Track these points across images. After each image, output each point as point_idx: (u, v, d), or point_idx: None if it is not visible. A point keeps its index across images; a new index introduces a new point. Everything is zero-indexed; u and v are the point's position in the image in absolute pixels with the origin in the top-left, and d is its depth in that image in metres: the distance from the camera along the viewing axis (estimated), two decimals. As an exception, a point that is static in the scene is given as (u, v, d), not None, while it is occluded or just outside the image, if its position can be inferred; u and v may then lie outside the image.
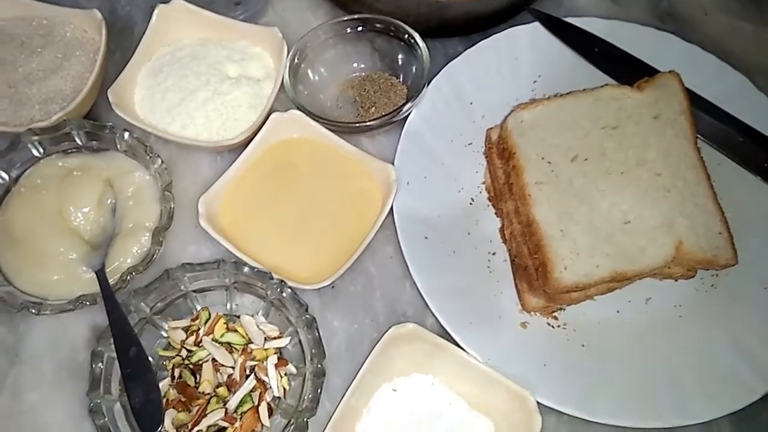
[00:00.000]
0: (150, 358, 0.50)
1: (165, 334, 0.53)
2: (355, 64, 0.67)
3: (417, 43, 0.63)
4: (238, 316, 0.54)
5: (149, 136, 0.61)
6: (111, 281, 0.53)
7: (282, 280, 0.51)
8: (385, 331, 0.52)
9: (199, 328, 0.52)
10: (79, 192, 0.57)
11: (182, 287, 0.53)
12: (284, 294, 0.51)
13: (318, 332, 0.50)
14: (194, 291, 0.54)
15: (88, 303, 0.52)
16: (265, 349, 0.51)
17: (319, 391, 0.49)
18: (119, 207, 0.57)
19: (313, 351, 0.50)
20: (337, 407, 0.50)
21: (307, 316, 0.51)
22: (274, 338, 0.52)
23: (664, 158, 0.54)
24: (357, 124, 0.61)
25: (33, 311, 0.51)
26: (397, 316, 0.58)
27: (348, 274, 0.55)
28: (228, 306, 0.54)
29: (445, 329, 0.54)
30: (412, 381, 0.52)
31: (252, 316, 0.53)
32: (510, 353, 0.54)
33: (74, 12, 0.64)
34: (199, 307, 0.54)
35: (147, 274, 0.55)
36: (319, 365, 0.50)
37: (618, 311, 0.57)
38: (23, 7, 0.65)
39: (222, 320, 0.52)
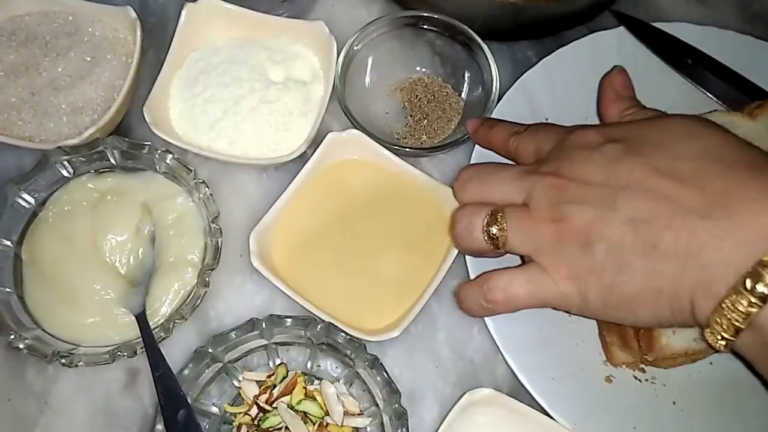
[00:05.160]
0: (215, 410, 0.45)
1: (237, 384, 0.48)
2: (414, 68, 0.60)
3: (484, 53, 0.56)
4: (317, 378, 0.49)
5: (187, 153, 0.55)
6: (153, 327, 0.47)
7: (376, 357, 0.46)
8: (460, 397, 0.46)
9: (274, 385, 0.47)
10: (114, 219, 0.51)
11: (265, 339, 0.48)
12: (378, 377, 0.46)
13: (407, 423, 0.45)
14: (275, 343, 0.48)
15: (126, 355, 0.46)
16: (342, 426, 0.46)
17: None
18: (158, 237, 0.51)
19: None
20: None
21: (396, 405, 0.45)
22: (354, 415, 0.46)
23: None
24: (426, 148, 0.55)
25: (64, 362, 0.45)
26: (464, 363, 0.52)
27: (409, 313, 0.50)
28: (308, 365, 0.49)
29: (522, 384, 0.49)
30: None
31: (333, 383, 0.47)
32: (596, 414, 0.48)
33: (104, 8, 0.57)
34: (277, 361, 0.49)
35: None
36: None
37: (711, 362, 0.51)
38: (47, 1, 0.58)
39: (301, 382, 0.46)
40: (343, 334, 0.46)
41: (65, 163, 0.51)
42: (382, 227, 0.52)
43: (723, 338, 0.36)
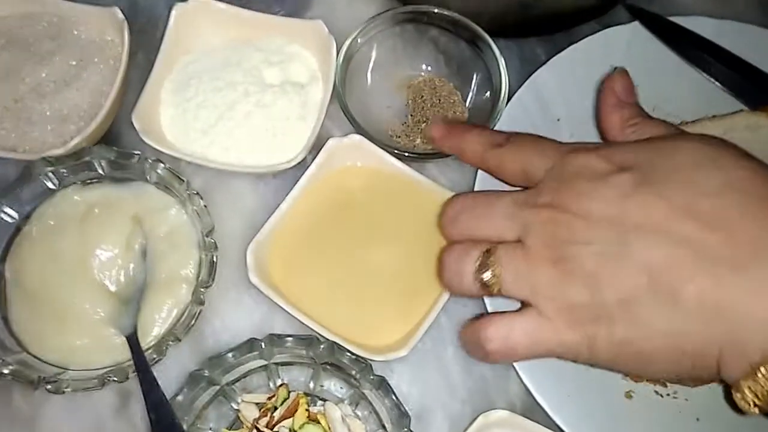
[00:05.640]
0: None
1: (235, 407, 0.45)
2: (419, 66, 0.57)
3: (492, 51, 0.53)
4: (321, 399, 0.46)
5: (179, 162, 0.52)
6: (145, 349, 0.45)
7: (383, 379, 0.43)
8: (475, 418, 0.44)
9: (275, 408, 0.44)
10: (103, 233, 0.48)
11: (264, 360, 0.45)
12: (386, 399, 0.43)
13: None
14: (276, 363, 0.45)
15: (116, 380, 0.43)
16: (347, 451, 0.43)
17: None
18: (150, 251, 0.48)
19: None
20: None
21: (405, 430, 0.42)
22: (360, 439, 0.44)
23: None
24: (429, 153, 0.52)
25: (50, 388, 0.43)
26: (475, 379, 0.49)
27: (415, 328, 0.47)
28: (311, 385, 0.46)
29: (537, 402, 0.46)
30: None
31: (337, 404, 0.44)
32: (616, 433, 0.46)
33: (90, 9, 0.54)
34: (278, 382, 0.46)
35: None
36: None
37: (735, 375, 0.48)
38: (29, 2, 0.55)
39: (303, 404, 0.43)
40: (348, 354, 0.43)
41: (50, 174, 0.48)
42: (387, 238, 0.49)
43: (755, 405, 0.32)
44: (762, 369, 0.31)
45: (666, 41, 0.55)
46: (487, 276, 0.38)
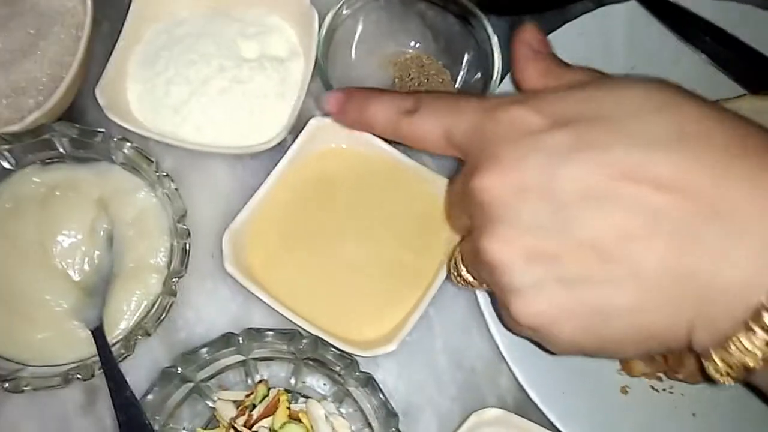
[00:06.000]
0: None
1: (210, 405, 0.42)
2: (406, 42, 0.54)
3: (484, 27, 0.50)
4: (303, 396, 0.43)
5: (147, 141, 0.48)
6: (112, 343, 0.41)
7: (370, 376, 0.40)
8: (467, 417, 0.42)
9: (254, 405, 0.41)
10: (65, 217, 0.44)
11: (242, 355, 0.42)
12: (373, 398, 0.40)
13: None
14: (254, 359, 0.42)
15: (81, 377, 0.40)
16: (331, 451, 0.40)
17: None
18: (117, 238, 0.45)
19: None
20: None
21: (393, 430, 0.40)
22: (344, 438, 0.41)
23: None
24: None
25: (8, 387, 0.39)
26: (465, 373, 0.47)
27: (403, 320, 0.44)
28: (292, 381, 0.43)
29: (530, 398, 0.44)
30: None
31: (320, 401, 0.42)
32: (612, 429, 0.44)
33: (49, -27, 0.50)
34: (257, 378, 0.43)
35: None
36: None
37: (731, 369, 0.47)
38: (-20, -36, 0.50)
39: (284, 402, 0.41)
40: (333, 350, 0.40)
41: (6, 153, 0.44)
42: (373, 224, 0.46)
43: (728, 375, 0.28)
44: (734, 338, 0.27)
45: (663, 21, 0.53)
46: (467, 277, 0.35)
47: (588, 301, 0.29)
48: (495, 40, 0.49)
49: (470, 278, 0.35)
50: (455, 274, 0.36)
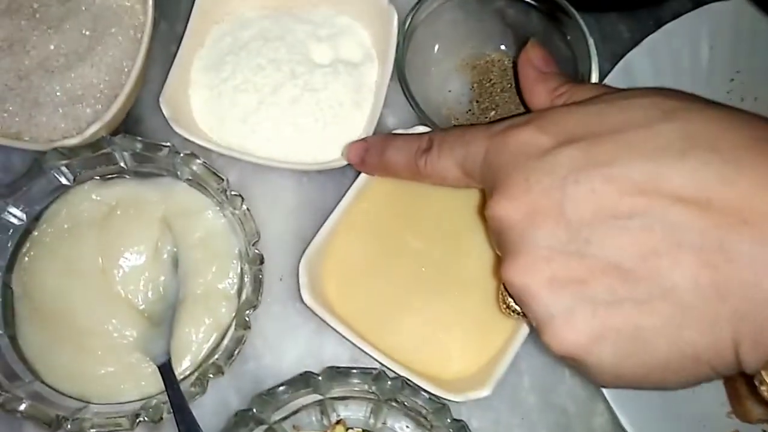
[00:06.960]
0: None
1: None
2: (484, 44, 0.50)
3: (579, 25, 0.45)
4: None
5: (210, 154, 0.44)
6: (180, 379, 0.38)
7: (464, 425, 0.37)
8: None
9: None
10: (126, 238, 0.41)
11: (319, 394, 0.38)
12: None
13: None
14: (332, 398, 0.39)
15: (149, 420, 0.36)
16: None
17: None
18: (182, 261, 0.41)
19: None
20: None
21: None
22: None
23: None
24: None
25: (69, 429, 0.36)
26: (555, 413, 0.43)
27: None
28: (371, 422, 0.40)
29: (632, 443, 0.40)
30: None
31: None
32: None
33: (106, -30, 0.46)
34: (333, 418, 0.40)
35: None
36: None
37: None
38: (33, -41, 0.46)
39: None
40: (422, 393, 0.37)
41: (63, 168, 0.41)
42: (461, 251, 0.42)
43: None
44: None
45: (775, 20, 0.48)
46: (515, 308, 0.34)
47: (620, 324, 0.28)
48: (591, 41, 0.45)
49: (518, 308, 0.34)
50: (503, 305, 0.35)
